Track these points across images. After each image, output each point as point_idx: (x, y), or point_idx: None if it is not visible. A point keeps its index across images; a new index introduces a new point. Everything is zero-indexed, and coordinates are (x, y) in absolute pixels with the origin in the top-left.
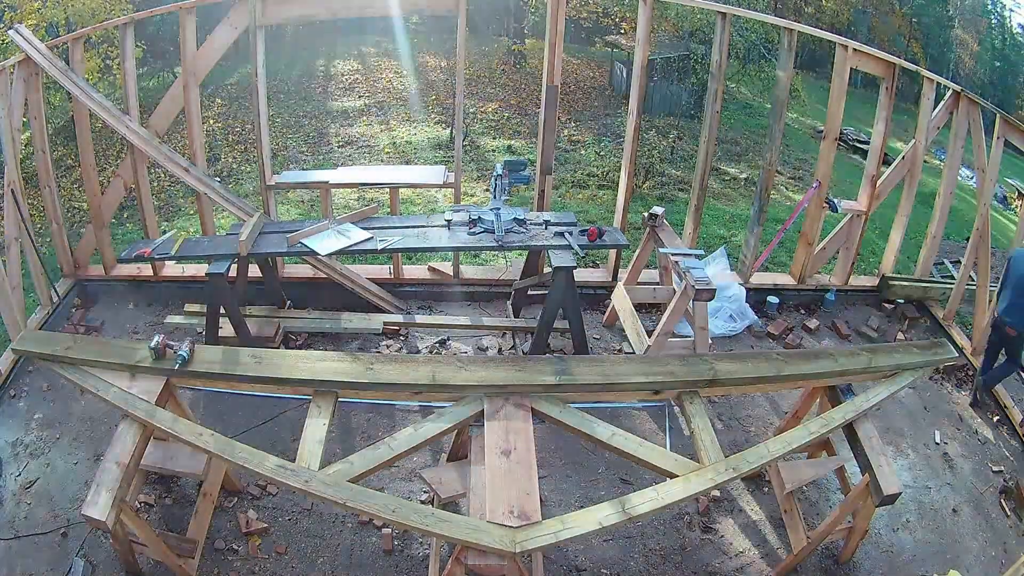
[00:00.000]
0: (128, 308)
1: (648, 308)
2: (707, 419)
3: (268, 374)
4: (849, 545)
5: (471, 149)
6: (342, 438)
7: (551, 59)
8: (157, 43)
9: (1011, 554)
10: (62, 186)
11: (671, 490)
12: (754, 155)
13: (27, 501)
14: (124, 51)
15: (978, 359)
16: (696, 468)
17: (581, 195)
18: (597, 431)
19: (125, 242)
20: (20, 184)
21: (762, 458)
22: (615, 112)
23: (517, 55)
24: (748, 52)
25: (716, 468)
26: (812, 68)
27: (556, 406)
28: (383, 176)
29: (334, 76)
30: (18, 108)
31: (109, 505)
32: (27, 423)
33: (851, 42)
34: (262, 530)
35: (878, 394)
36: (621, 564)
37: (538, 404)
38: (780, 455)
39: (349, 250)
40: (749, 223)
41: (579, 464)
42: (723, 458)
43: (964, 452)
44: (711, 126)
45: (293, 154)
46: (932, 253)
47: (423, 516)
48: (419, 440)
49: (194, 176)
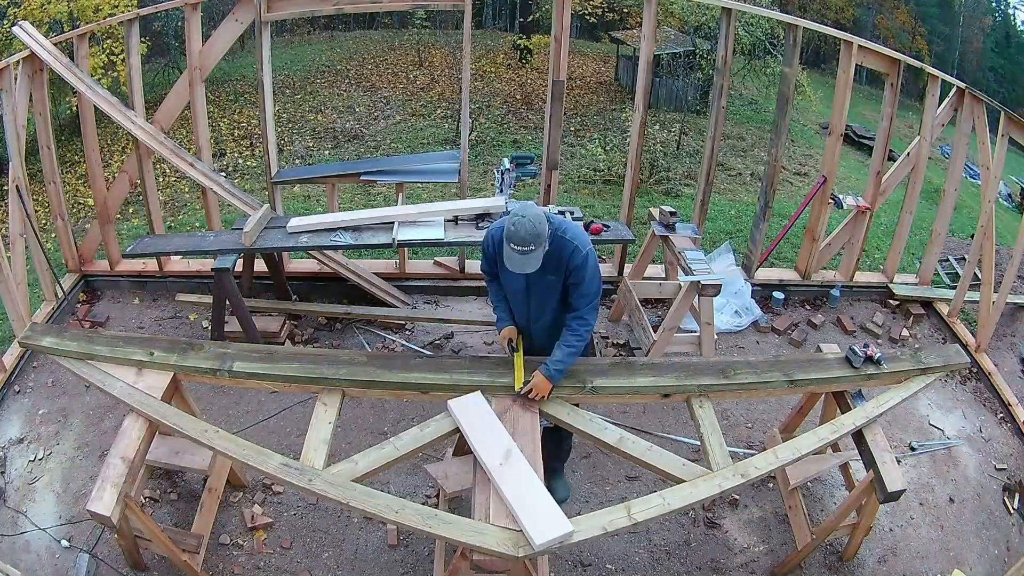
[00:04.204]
0: (133, 303)
1: (654, 303)
2: (716, 423)
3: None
4: (853, 542)
5: (477, 144)
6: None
7: (557, 54)
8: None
9: (1014, 552)
10: (67, 182)
11: (678, 496)
12: (760, 150)
13: (32, 497)
14: (129, 47)
15: (983, 356)
16: (704, 474)
17: (587, 190)
18: (605, 435)
19: (130, 237)
20: (25, 180)
21: (771, 464)
22: (621, 107)
23: (523, 50)
24: (754, 48)
25: (724, 474)
26: (817, 64)
27: (564, 408)
28: (395, 173)
29: (340, 71)
30: (23, 104)
31: (114, 501)
32: (32, 418)
33: (856, 38)
34: (267, 525)
35: (889, 400)
36: (626, 559)
37: (546, 406)
38: (789, 462)
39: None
40: (754, 219)
41: (585, 459)
42: (731, 463)
43: (968, 449)
44: (717, 121)
45: (299, 149)
46: (936, 252)
47: (426, 517)
48: (425, 440)
49: (200, 171)
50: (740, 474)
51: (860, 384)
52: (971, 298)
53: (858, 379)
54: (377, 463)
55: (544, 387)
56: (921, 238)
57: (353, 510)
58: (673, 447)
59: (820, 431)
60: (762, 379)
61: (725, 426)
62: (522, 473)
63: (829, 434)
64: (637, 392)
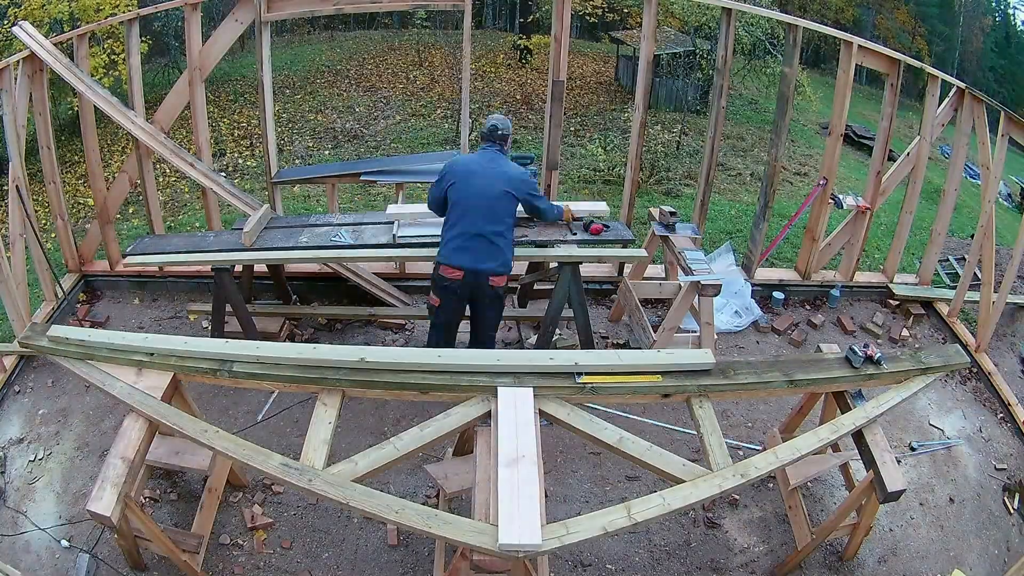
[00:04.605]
0: (133, 303)
1: (654, 303)
2: (716, 423)
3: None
4: (853, 542)
5: (477, 144)
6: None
7: (557, 54)
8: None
9: (1014, 552)
10: (67, 182)
11: (678, 496)
12: (760, 151)
13: (32, 497)
14: (129, 47)
15: (983, 356)
16: (704, 474)
17: (587, 190)
18: (605, 435)
19: (130, 238)
20: (25, 180)
21: (771, 464)
22: (621, 107)
23: (523, 50)
24: (754, 48)
25: (724, 475)
26: (817, 65)
27: (564, 408)
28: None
29: (340, 71)
30: (23, 104)
31: (114, 501)
32: (32, 419)
33: (856, 38)
34: (267, 525)
35: (889, 400)
36: (626, 559)
37: (546, 405)
38: (789, 462)
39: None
40: (754, 219)
41: (585, 459)
42: (731, 463)
43: (968, 449)
44: (717, 121)
45: (299, 149)
46: (936, 252)
47: (426, 517)
48: (425, 440)
49: (200, 171)
50: (740, 474)
51: (860, 384)
52: (971, 298)
53: (858, 379)
54: (377, 463)
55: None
56: (921, 238)
57: (353, 510)
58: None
59: (820, 431)
60: (762, 379)
61: (725, 426)
62: (525, 478)
63: (829, 434)
64: (636, 392)
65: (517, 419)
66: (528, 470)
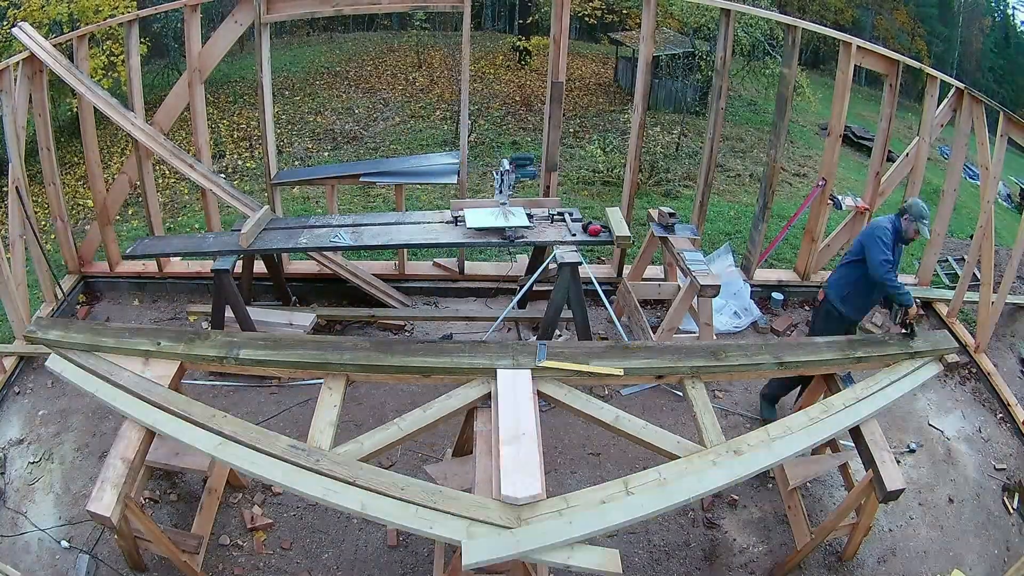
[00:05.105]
0: (133, 304)
1: (653, 304)
2: (708, 402)
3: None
4: (852, 542)
5: (476, 145)
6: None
7: (556, 55)
8: (162, 40)
9: (1014, 552)
10: (67, 183)
11: (673, 471)
12: (759, 152)
13: (32, 498)
14: (128, 48)
15: (982, 356)
16: (698, 450)
17: (586, 191)
18: (602, 414)
19: (130, 239)
20: (25, 181)
21: (762, 440)
22: (620, 109)
23: (522, 52)
24: (753, 49)
25: (717, 451)
26: (816, 65)
27: (561, 388)
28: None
29: (339, 73)
30: (22, 105)
31: (114, 501)
32: (32, 420)
33: (855, 39)
34: (267, 526)
35: (878, 382)
36: (626, 560)
37: (543, 387)
38: (780, 437)
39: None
40: (754, 220)
41: (584, 460)
42: (724, 441)
43: (968, 449)
44: (716, 122)
45: (298, 151)
46: (935, 253)
47: (431, 494)
48: (428, 421)
49: (199, 172)
50: (733, 450)
51: (849, 367)
52: (970, 298)
53: (847, 362)
54: (382, 443)
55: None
56: (920, 239)
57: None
58: None
59: (810, 411)
60: (752, 361)
61: (726, 425)
62: (526, 452)
63: (819, 413)
64: (632, 373)
65: (517, 399)
66: (529, 446)
